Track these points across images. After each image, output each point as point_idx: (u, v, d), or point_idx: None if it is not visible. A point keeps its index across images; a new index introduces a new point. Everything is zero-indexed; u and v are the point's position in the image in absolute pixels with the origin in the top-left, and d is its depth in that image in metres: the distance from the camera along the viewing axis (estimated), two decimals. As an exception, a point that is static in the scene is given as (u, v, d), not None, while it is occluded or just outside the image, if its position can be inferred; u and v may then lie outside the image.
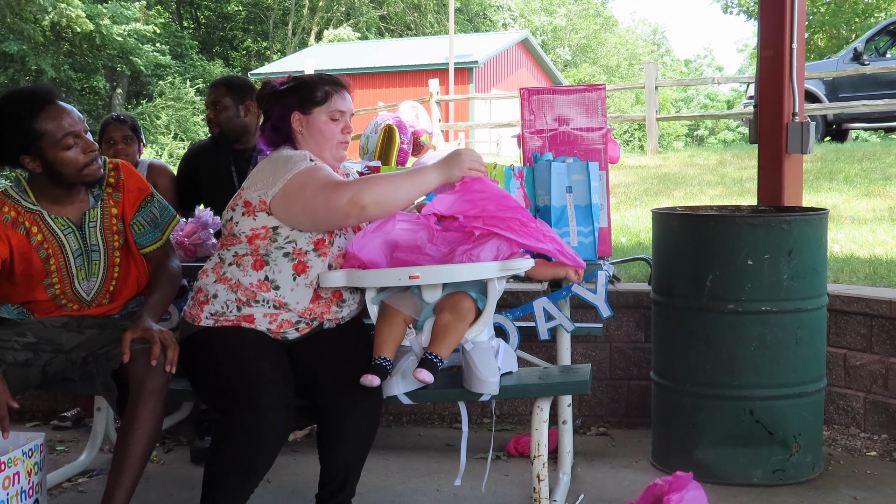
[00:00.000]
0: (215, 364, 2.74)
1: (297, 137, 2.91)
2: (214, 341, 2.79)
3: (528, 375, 2.98)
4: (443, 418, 4.39)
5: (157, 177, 4.38)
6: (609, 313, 3.19)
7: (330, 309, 2.88)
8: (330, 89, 2.91)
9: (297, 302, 2.82)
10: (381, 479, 3.57)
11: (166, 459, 3.91)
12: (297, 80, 2.95)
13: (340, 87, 2.94)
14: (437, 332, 2.74)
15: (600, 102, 3.41)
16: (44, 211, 3.01)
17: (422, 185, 2.75)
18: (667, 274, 3.55)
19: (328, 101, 2.90)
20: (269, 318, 2.82)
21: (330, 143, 2.91)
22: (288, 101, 2.90)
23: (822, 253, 3.47)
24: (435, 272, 2.73)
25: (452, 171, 2.74)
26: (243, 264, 2.82)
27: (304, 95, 2.89)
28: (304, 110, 2.89)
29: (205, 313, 2.84)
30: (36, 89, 2.93)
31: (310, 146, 2.90)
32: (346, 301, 2.91)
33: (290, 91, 2.92)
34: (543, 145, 3.41)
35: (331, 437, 2.74)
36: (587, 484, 3.48)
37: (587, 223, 3.27)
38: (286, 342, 2.86)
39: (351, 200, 2.67)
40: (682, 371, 3.46)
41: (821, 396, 3.56)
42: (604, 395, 4.29)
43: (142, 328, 2.81)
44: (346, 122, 2.93)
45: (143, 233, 3.12)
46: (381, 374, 2.68)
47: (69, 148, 2.90)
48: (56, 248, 3.01)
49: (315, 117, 2.89)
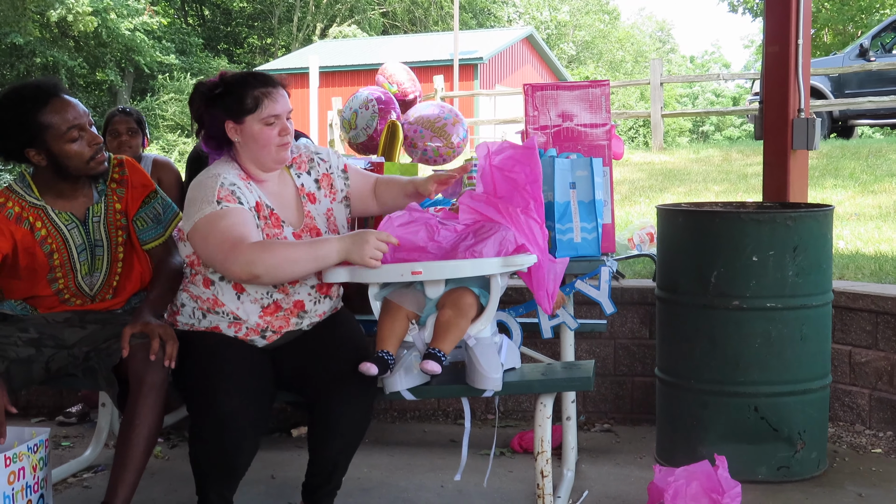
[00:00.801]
0: (185, 367, 2.78)
1: (235, 145, 2.82)
2: (188, 343, 2.82)
3: (531, 371, 2.98)
4: (447, 415, 4.39)
5: (161, 173, 4.38)
6: (613, 310, 3.18)
7: (289, 321, 2.86)
8: (260, 93, 2.75)
9: (248, 316, 2.82)
10: (386, 475, 3.57)
11: (170, 455, 3.91)
12: (225, 83, 2.79)
13: (272, 88, 2.78)
14: (440, 328, 2.73)
15: (604, 98, 3.40)
16: (48, 206, 3.01)
17: (321, 261, 2.63)
18: (671, 270, 3.55)
19: (259, 107, 2.75)
20: (233, 329, 2.84)
21: (268, 150, 2.79)
22: (217, 111, 2.77)
23: (827, 249, 3.46)
24: (437, 268, 2.72)
25: (353, 255, 2.60)
26: (195, 282, 2.87)
27: (233, 104, 2.75)
28: (236, 120, 2.76)
29: (179, 324, 2.91)
30: (40, 83, 2.93)
31: (249, 153, 2.81)
32: (308, 312, 2.88)
33: (218, 99, 2.77)
34: (547, 141, 3.40)
35: (321, 430, 2.75)
36: (591, 480, 3.48)
37: (591, 219, 3.26)
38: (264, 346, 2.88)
39: (244, 268, 2.59)
40: (687, 367, 3.46)
41: (826, 393, 3.55)
42: (608, 391, 4.29)
43: (141, 323, 2.82)
44: (282, 124, 2.78)
45: (145, 229, 3.12)
46: (382, 366, 2.68)
47: (74, 141, 2.90)
48: (60, 243, 3.01)
49: (248, 126, 2.76)
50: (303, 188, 2.93)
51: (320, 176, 2.97)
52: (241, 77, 2.81)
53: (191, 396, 2.75)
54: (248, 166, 2.84)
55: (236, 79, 2.81)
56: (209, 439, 2.63)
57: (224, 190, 2.72)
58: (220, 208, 2.68)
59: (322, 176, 2.98)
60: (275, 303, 2.82)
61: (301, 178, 2.94)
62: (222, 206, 2.68)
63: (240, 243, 2.61)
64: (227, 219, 2.66)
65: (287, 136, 2.81)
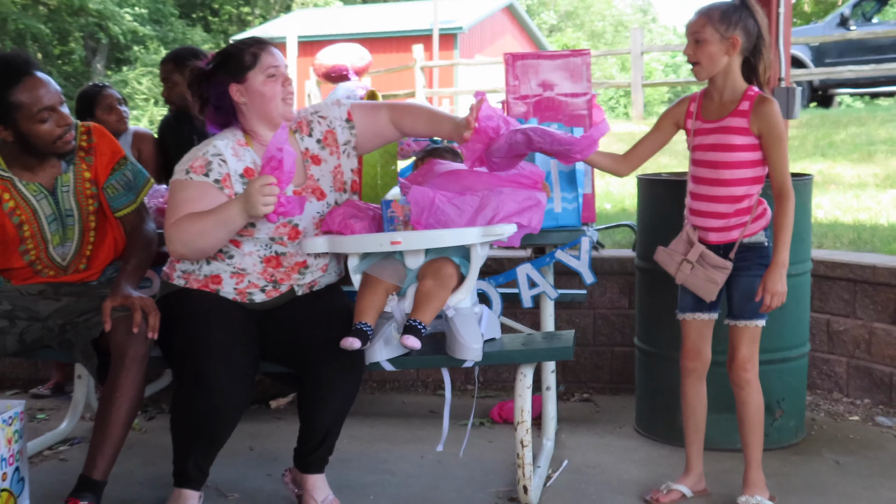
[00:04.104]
0: (171, 331, 2.77)
1: (241, 110, 2.85)
2: (175, 306, 2.82)
3: (511, 342, 2.98)
4: (426, 385, 4.40)
5: (141, 143, 4.35)
6: (593, 280, 3.19)
7: (291, 276, 2.89)
8: (256, 50, 2.84)
9: (254, 265, 2.85)
10: (366, 447, 3.58)
11: (148, 427, 3.90)
12: (221, 54, 2.89)
13: (265, 45, 2.87)
14: (420, 299, 2.73)
15: (585, 68, 3.38)
16: (15, 177, 2.97)
17: (229, 224, 2.67)
18: (651, 240, 3.54)
19: (258, 61, 2.81)
20: (235, 280, 2.85)
21: (275, 103, 2.83)
22: (220, 77, 2.83)
23: (806, 218, 3.47)
24: (417, 237, 2.72)
25: (250, 210, 2.60)
26: None
27: (234, 65, 2.82)
28: (239, 79, 2.82)
29: (177, 272, 2.91)
30: (11, 58, 2.87)
31: (256, 114, 2.84)
32: (310, 267, 2.91)
33: (218, 67, 2.85)
34: (528, 111, 3.38)
35: (312, 400, 2.75)
36: (571, 450, 3.49)
37: (571, 189, 3.25)
38: (255, 307, 2.87)
39: (169, 247, 2.74)
40: (666, 337, 3.47)
41: (804, 361, 3.58)
42: (587, 361, 4.31)
43: (121, 296, 2.80)
44: (283, 75, 2.84)
45: (116, 196, 3.09)
46: (361, 338, 2.69)
47: (44, 122, 2.87)
48: (29, 215, 2.97)
49: (252, 82, 2.81)
50: (307, 152, 2.94)
51: (322, 135, 2.96)
52: (232, 45, 2.90)
53: (177, 363, 2.74)
54: (255, 128, 2.87)
55: (229, 47, 2.89)
56: (193, 408, 2.63)
57: (200, 160, 2.78)
58: (185, 178, 2.76)
59: (325, 133, 2.96)
60: (276, 257, 2.85)
61: (305, 142, 2.96)
62: (188, 177, 2.76)
63: (169, 220, 2.72)
64: (184, 192, 2.75)
65: (290, 87, 2.86)
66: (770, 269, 2.79)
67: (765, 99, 2.79)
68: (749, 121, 2.78)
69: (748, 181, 2.83)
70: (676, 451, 3.35)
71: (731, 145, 2.80)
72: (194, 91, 2.90)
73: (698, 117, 2.89)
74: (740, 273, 2.86)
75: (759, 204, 2.87)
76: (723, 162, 2.82)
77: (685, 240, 2.93)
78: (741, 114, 2.79)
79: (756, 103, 2.78)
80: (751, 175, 2.82)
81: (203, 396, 2.61)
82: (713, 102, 2.87)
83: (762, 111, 2.77)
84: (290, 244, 2.85)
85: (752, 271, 2.85)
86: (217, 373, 2.61)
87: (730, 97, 2.83)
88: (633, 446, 3.55)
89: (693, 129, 2.90)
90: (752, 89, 2.82)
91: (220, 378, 2.61)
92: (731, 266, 2.84)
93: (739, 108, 2.80)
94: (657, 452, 3.48)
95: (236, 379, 2.65)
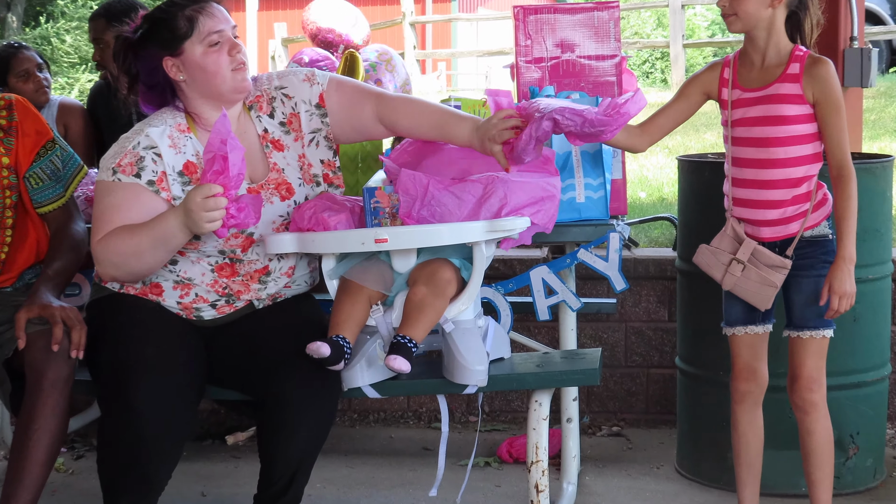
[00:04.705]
0: (96, 346, 2.77)
1: (180, 88, 2.82)
2: (106, 315, 2.82)
3: (523, 363, 2.99)
4: (419, 416, 4.40)
5: (69, 117, 4.36)
6: (624, 286, 3.19)
7: (249, 287, 2.87)
8: (191, 12, 2.75)
9: (203, 274, 2.83)
10: (344, 492, 3.58)
11: (75, 468, 3.91)
12: (149, 18, 2.82)
13: (204, 3, 2.78)
14: (411, 310, 2.73)
15: (613, 24, 3.38)
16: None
17: (167, 242, 2.68)
18: (695, 237, 3.54)
19: (195, 27, 2.74)
20: (179, 291, 2.84)
21: (221, 76, 2.77)
22: (149, 50, 2.78)
23: (885, 210, 3.47)
24: (408, 234, 2.71)
25: (192, 227, 2.60)
26: None
27: (165, 34, 2.76)
28: (173, 51, 2.76)
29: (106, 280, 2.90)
30: None
31: (199, 92, 2.81)
32: (272, 274, 2.89)
33: (146, 37, 2.80)
34: (543, 77, 3.39)
35: (277, 430, 2.73)
36: (598, 496, 3.50)
37: (597, 174, 3.25)
38: (203, 324, 2.87)
39: (98, 268, 2.81)
40: (714, 357, 3.47)
41: (884, 386, 3.58)
42: (617, 386, 4.31)
43: (39, 305, 2.79)
44: (229, 41, 2.78)
45: (40, 188, 3.07)
46: (336, 352, 2.66)
47: None
48: (-69, 207, 2.97)
49: (189, 54, 2.75)
50: (266, 134, 2.92)
51: (286, 117, 2.94)
52: (164, 5, 2.83)
53: (101, 386, 2.74)
54: (199, 110, 2.84)
55: (159, 9, 2.83)
56: (119, 441, 2.62)
57: (130, 155, 2.76)
58: (112, 179, 2.76)
59: (289, 116, 2.93)
60: (230, 264, 2.83)
61: (263, 122, 2.93)
62: (115, 178, 2.76)
63: (95, 232, 2.75)
64: (110, 196, 2.76)
65: (240, 55, 2.80)
66: (835, 265, 2.79)
67: (817, 59, 2.80)
68: (802, 86, 2.78)
69: (807, 160, 2.83)
70: (727, 496, 3.36)
71: (782, 117, 2.80)
72: (120, 65, 2.86)
73: (735, 85, 2.89)
74: (801, 273, 2.86)
75: (819, 188, 2.87)
76: (774, 138, 2.82)
77: (731, 235, 2.93)
78: (792, 78, 2.79)
79: (807, 65, 2.79)
80: (810, 152, 2.83)
81: (129, 426, 2.59)
82: (753, 67, 2.88)
83: (817, 73, 2.77)
84: (247, 250, 2.85)
85: (816, 270, 2.85)
86: (146, 397, 2.60)
87: (774, 59, 2.84)
88: (673, 491, 3.55)
89: (731, 100, 2.89)
90: (800, 49, 2.83)
91: (148, 403, 2.60)
92: (790, 265, 2.83)
93: (788, 72, 2.80)
94: (703, 498, 3.49)
95: (171, 405, 2.64)
